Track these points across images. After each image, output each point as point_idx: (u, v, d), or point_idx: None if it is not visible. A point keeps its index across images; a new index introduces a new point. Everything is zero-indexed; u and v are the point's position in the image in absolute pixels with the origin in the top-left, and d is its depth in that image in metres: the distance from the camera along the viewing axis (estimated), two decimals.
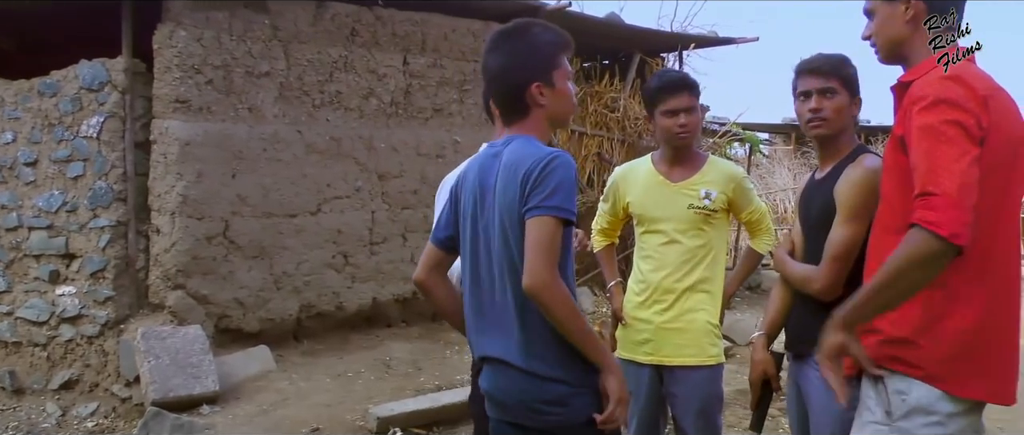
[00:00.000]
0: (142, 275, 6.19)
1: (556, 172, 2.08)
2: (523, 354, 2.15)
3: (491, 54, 2.28)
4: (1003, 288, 2.10)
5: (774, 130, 20.31)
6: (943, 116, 1.94)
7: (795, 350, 2.78)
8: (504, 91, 2.26)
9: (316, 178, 6.70)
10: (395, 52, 7.15)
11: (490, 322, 2.24)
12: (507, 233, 2.14)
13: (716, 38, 10.20)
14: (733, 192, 3.18)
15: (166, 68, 5.98)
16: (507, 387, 2.20)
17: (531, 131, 2.25)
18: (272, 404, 5.43)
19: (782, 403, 5.39)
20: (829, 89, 2.64)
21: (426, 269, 2.41)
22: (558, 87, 2.26)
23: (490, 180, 2.22)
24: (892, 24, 2.20)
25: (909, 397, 2.05)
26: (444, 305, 2.45)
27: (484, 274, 2.24)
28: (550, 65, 2.25)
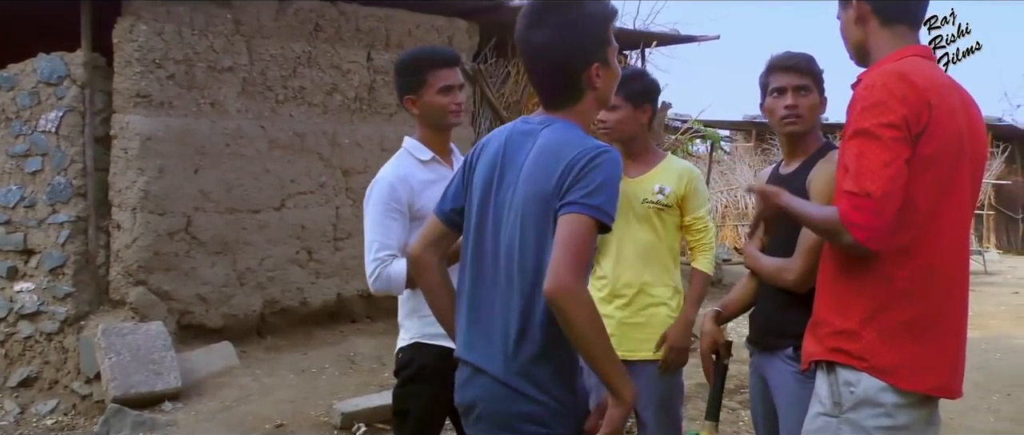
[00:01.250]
0: (102, 271, 6.13)
1: (603, 167, 1.84)
2: (508, 366, 1.92)
3: (535, 29, 1.94)
4: (949, 283, 2.12)
5: (735, 127, 20.54)
6: (878, 118, 1.97)
7: (762, 343, 2.79)
8: (555, 72, 1.96)
9: (280, 174, 6.67)
10: (359, 48, 7.15)
11: (481, 317, 2.00)
12: (527, 223, 1.90)
13: (678, 36, 10.31)
14: (685, 188, 3.18)
15: (126, 62, 5.92)
16: (483, 397, 1.98)
17: (578, 117, 1.97)
18: (235, 400, 5.41)
19: (743, 396, 5.50)
20: (804, 86, 2.67)
21: (424, 244, 2.12)
22: (612, 66, 1.99)
23: (519, 158, 1.95)
24: (849, 28, 2.25)
25: (857, 389, 2.07)
26: (435, 292, 2.16)
27: (488, 260, 1.99)
28: (606, 40, 1.97)
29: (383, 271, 2.71)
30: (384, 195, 2.76)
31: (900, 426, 2.07)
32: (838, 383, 2.11)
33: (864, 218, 1.94)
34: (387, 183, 2.78)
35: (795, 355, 2.63)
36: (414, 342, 2.83)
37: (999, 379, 6.37)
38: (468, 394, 2.03)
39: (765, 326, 2.79)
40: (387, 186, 2.77)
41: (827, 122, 15.54)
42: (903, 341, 2.06)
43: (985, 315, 9.00)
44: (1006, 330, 8.59)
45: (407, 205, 2.75)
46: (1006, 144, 18.00)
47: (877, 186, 1.93)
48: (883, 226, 1.94)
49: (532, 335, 1.91)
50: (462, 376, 2.06)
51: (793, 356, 2.64)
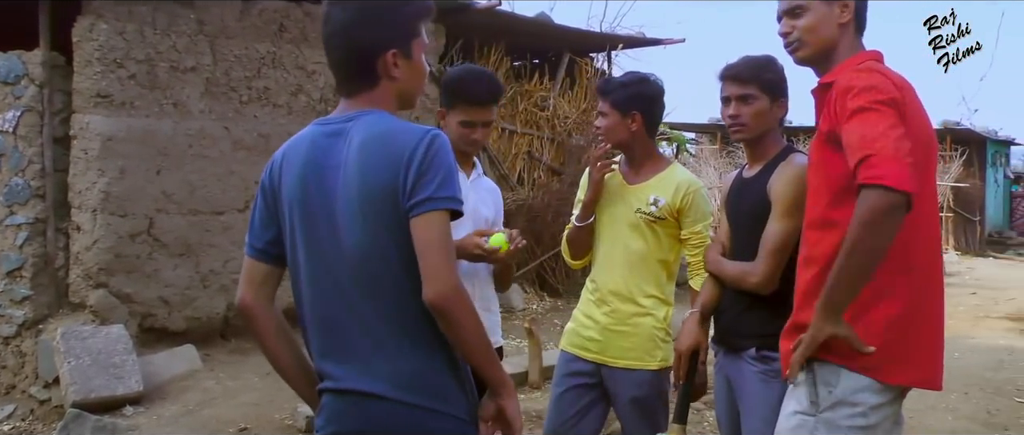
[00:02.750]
0: (62, 274, 6.03)
1: (442, 154, 1.75)
2: (400, 383, 1.76)
3: (336, 5, 1.87)
4: (926, 278, 2.16)
5: (700, 130, 20.75)
6: (874, 97, 2.00)
7: (727, 344, 2.81)
8: (349, 54, 1.87)
9: (244, 175, 6.61)
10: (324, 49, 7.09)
11: (343, 341, 1.81)
12: (374, 225, 1.75)
13: (644, 39, 10.38)
14: (683, 201, 3.07)
15: (86, 62, 5.83)
16: (374, 424, 1.77)
17: (377, 105, 1.86)
18: (198, 404, 5.36)
19: (708, 396, 5.55)
20: (747, 95, 2.68)
21: (249, 289, 1.91)
22: (415, 60, 1.89)
23: (333, 161, 1.81)
24: (827, 25, 2.24)
25: (836, 389, 2.09)
26: (272, 342, 1.94)
27: (330, 276, 1.81)
28: (411, 31, 1.88)
29: None
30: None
31: (872, 425, 2.10)
32: (817, 383, 2.12)
33: (886, 168, 1.89)
34: None
35: (758, 355, 2.66)
36: None
37: (957, 379, 6.49)
38: (351, 424, 1.80)
39: (729, 327, 2.81)
40: None
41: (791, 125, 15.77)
42: (888, 337, 2.08)
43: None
44: (964, 330, 8.76)
45: None
46: (964, 147, 18.37)
47: (887, 142, 1.92)
48: (906, 170, 1.90)
49: (416, 343, 1.78)
50: (337, 406, 1.82)
51: (756, 357, 2.67)
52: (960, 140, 18.46)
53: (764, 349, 2.65)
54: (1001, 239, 20.48)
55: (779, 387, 2.60)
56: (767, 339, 2.64)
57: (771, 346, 2.63)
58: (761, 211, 2.66)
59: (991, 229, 20.42)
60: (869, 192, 1.91)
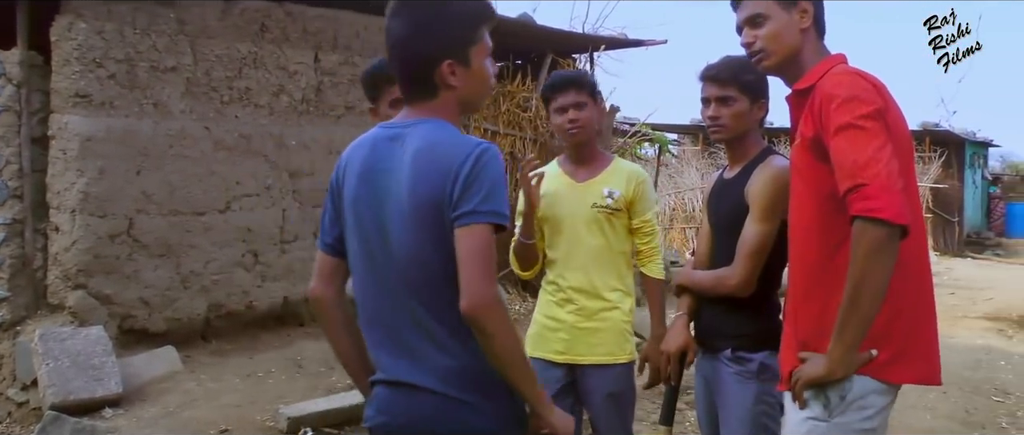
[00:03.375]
0: (40, 275, 5.97)
1: (489, 168, 1.79)
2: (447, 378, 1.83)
3: (394, 18, 1.89)
4: (918, 277, 2.18)
5: (682, 131, 20.83)
6: (857, 111, 1.99)
7: (706, 345, 2.82)
8: (408, 65, 1.89)
9: (225, 175, 6.58)
10: (306, 49, 7.08)
11: (396, 335, 1.89)
12: (421, 232, 1.82)
13: (626, 40, 10.41)
14: (634, 191, 3.16)
15: (65, 61, 5.79)
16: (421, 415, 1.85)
17: (438, 114, 1.89)
18: (178, 405, 5.32)
19: (690, 397, 5.57)
20: (726, 97, 2.69)
21: (320, 281, 2.03)
22: (474, 66, 1.90)
23: (389, 166, 1.87)
24: (789, 33, 2.24)
25: (848, 394, 2.09)
26: (336, 330, 2.05)
27: (384, 275, 1.89)
28: (467, 39, 1.88)
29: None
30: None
31: (877, 427, 2.12)
32: (828, 389, 2.11)
33: (881, 200, 1.90)
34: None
35: (733, 356, 2.68)
36: None
37: None
38: (402, 415, 1.88)
39: (706, 328, 2.82)
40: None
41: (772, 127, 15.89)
42: (892, 336, 2.10)
43: None
44: (943, 330, 8.70)
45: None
46: (942, 149, 18.54)
47: (879, 169, 1.92)
48: (900, 200, 1.91)
49: (464, 342, 1.82)
50: (385, 397, 1.91)
51: (732, 357, 2.68)
52: (939, 141, 18.64)
53: (740, 350, 2.68)
54: (979, 240, 20.70)
55: (754, 387, 2.63)
56: (743, 340, 2.67)
57: (747, 347, 2.66)
58: (740, 213, 2.67)
59: (969, 230, 20.64)
60: (866, 226, 1.91)
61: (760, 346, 2.66)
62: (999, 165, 26.18)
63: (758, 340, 2.67)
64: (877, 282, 1.94)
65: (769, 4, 2.25)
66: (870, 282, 1.94)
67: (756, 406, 2.64)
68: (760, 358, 2.65)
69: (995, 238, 21.35)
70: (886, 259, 1.92)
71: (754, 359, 2.64)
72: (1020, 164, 27.42)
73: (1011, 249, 19.98)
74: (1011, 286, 12.66)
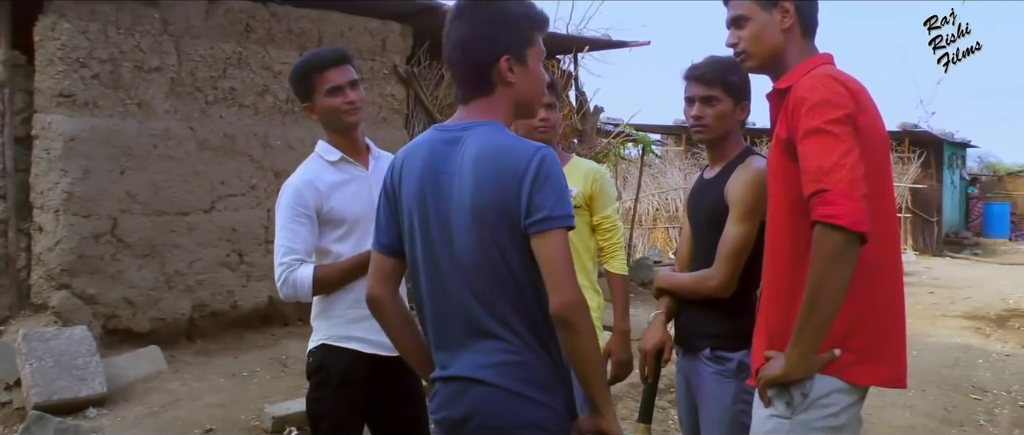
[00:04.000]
0: (24, 275, 5.96)
1: (554, 172, 1.86)
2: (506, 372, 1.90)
3: (455, 21, 1.98)
4: (888, 280, 2.19)
5: (666, 131, 20.89)
6: (827, 116, 2.01)
7: (686, 344, 2.84)
8: (468, 63, 1.97)
9: (209, 175, 6.57)
10: (291, 49, 7.08)
11: (455, 332, 1.96)
12: (484, 235, 1.88)
13: (609, 41, 10.44)
14: (592, 187, 3.18)
15: (49, 61, 5.77)
16: (483, 408, 1.91)
17: (494, 114, 1.96)
18: (163, 405, 5.32)
19: (671, 396, 5.62)
20: (710, 97, 2.70)
21: (377, 281, 2.07)
22: (531, 66, 1.99)
23: (450, 169, 1.93)
24: (770, 33, 2.25)
25: (810, 392, 2.11)
26: (396, 327, 2.12)
27: (446, 276, 1.95)
28: (524, 40, 1.98)
29: (290, 276, 2.70)
30: (291, 200, 2.73)
31: (843, 425, 2.13)
32: (790, 387, 2.13)
33: (840, 206, 1.92)
34: (294, 188, 2.75)
35: (712, 355, 2.70)
36: (322, 344, 2.81)
37: (914, 376, 6.56)
38: (461, 408, 1.94)
39: (686, 327, 2.84)
40: (294, 191, 2.74)
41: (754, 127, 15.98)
42: (856, 338, 2.11)
43: None
44: (922, 329, 8.92)
45: (314, 209, 2.72)
46: (921, 149, 18.71)
47: (841, 175, 1.95)
48: (860, 208, 1.93)
49: (522, 339, 1.90)
50: (448, 392, 1.97)
51: (711, 357, 2.71)
52: (918, 142, 18.80)
53: (719, 349, 2.69)
54: (958, 239, 20.89)
55: (733, 386, 2.65)
56: (721, 339, 2.68)
57: (725, 346, 2.67)
58: (719, 213, 2.69)
59: (948, 230, 20.83)
60: (824, 232, 1.94)
61: (739, 345, 2.68)
62: (977, 166, 26.42)
63: (737, 339, 2.69)
64: (833, 287, 1.97)
65: (750, 5, 2.27)
66: (827, 287, 1.97)
67: (735, 405, 2.65)
68: (739, 357, 2.67)
69: (973, 238, 21.55)
70: (843, 265, 1.95)
71: (733, 358, 2.66)
72: (997, 164, 27.69)
73: (989, 248, 20.18)
74: (989, 285, 12.80)
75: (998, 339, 8.68)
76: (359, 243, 2.74)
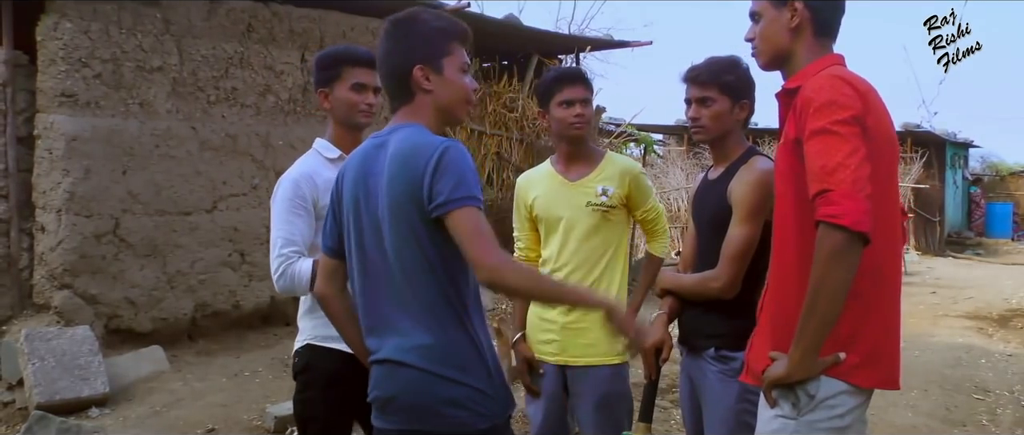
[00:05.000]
0: (26, 274, 5.96)
1: (454, 161, 1.98)
2: (426, 355, 2.03)
3: (381, 42, 2.18)
4: (891, 281, 2.19)
5: (668, 131, 20.89)
6: (834, 116, 2.00)
7: (690, 344, 2.85)
8: (388, 74, 2.17)
9: (211, 175, 6.58)
10: (292, 49, 7.09)
11: (385, 321, 2.11)
12: (401, 227, 2.02)
13: (611, 41, 10.45)
14: (629, 186, 3.15)
15: (51, 61, 5.77)
16: (405, 389, 2.06)
17: (416, 118, 2.12)
18: (165, 405, 5.32)
19: (674, 395, 5.62)
20: (706, 98, 2.72)
21: (323, 279, 2.28)
22: (447, 74, 2.13)
23: (376, 169, 2.09)
24: (777, 31, 2.25)
25: (817, 394, 2.11)
26: (342, 321, 2.30)
27: (376, 269, 2.10)
28: (438, 51, 2.13)
29: (288, 268, 2.67)
30: (289, 193, 2.74)
31: (848, 426, 2.13)
32: (796, 389, 2.13)
33: (843, 206, 1.92)
34: (292, 181, 2.76)
35: (716, 355, 2.71)
36: (307, 344, 2.79)
37: (917, 376, 6.62)
38: (388, 388, 2.10)
39: (690, 328, 2.84)
40: (292, 184, 2.75)
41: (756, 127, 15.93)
42: (862, 341, 2.11)
43: (904, 314, 9.06)
44: (924, 329, 8.92)
45: (312, 202, 2.73)
46: (924, 150, 18.69)
47: (846, 175, 1.95)
48: (863, 208, 1.93)
49: (441, 322, 2.04)
50: (379, 373, 2.13)
51: (715, 356, 2.71)
52: (920, 142, 18.78)
53: (723, 349, 2.70)
54: (960, 239, 20.86)
55: (737, 386, 2.65)
56: (726, 339, 2.69)
57: (730, 346, 2.68)
58: (722, 214, 2.69)
59: (950, 229, 20.80)
60: (827, 231, 1.94)
61: (743, 345, 2.67)
62: (979, 165, 26.39)
63: (741, 339, 2.68)
64: (834, 287, 1.97)
65: (763, 3, 2.28)
66: (828, 287, 1.97)
67: (739, 404, 2.66)
68: (743, 357, 2.68)
69: (975, 238, 21.53)
70: (844, 265, 1.95)
71: (737, 358, 2.66)
72: (1000, 164, 27.66)
73: (991, 249, 20.16)
74: (991, 285, 12.78)
75: (1000, 339, 8.67)
76: None
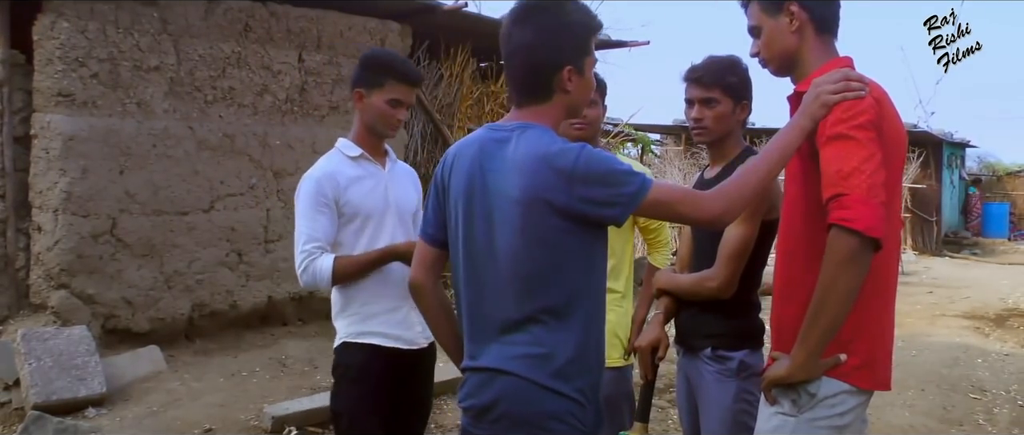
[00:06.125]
0: (22, 274, 5.95)
1: (599, 159, 1.91)
2: (533, 364, 1.95)
3: (518, 26, 2.01)
4: (884, 282, 2.20)
5: (665, 131, 20.90)
6: (852, 122, 2.01)
7: (687, 344, 2.85)
8: (530, 70, 2.01)
9: (209, 175, 6.57)
10: (290, 49, 7.08)
11: (489, 325, 2.01)
12: (526, 230, 1.92)
13: (609, 41, 10.43)
14: None
15: (47, 60, 5.77)
16: (506, 397, 1.97)
17: (546, 119, 2.02)
18: (162, 405, 5.31)
19: (671, 395, 5.63)
20: (709, 99, 2.71)
21: (420, 269, 2.17)
22: (586, 75, 2.05)
23: (497, 165, 1.98)
24: (780, 38, 2.25)
25: (817, 393, 2.12)
26: (433, 314, 2.21)
27: (485, 269, 2.00)
28: (584, 49, 2.04)
29: (310, 264, 2.76)
30: (312, 190, 2.82)
31: (847, 424, 2.15)
32: (798, 387, 2.14)
33: (856, 211, 1.93)
34: (315, 179, 2.85)
35: (713, 355, 2.71)
36: (342, 342, 2.89)
37: (914, 376, 6.64)
38: (487, 396, 2.00)
39: (687, 327, 2.85)
40: (315, 182, 2.84)
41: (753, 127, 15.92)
42: (861, 343, 2.12)
43: (901, 314, 9.34)
44: (921, 329, 8.94)
45: (334, 200, 2.81)
46: (921, 150, 18.72)
47: (861, 180, 1.95)
48: (877, 214, 1.93)
49: (547, 330, 1.95)
50: (476, 381, 2.03)
51: (711, 356, 2.72)
52: (917, 142, 18.79)
53: (719, 349, 2.70)
54: (957, 239, 20.90)
55: (734, 385, 2.66)
56: (722, 339, 2.69)
57: (726, 346, 2.68)
58: None
59: (947, 229, 20.83)
60: (840, 234, 1.94)
61: (739, 345, 2.70)
62: (976, 166, 26.44)
63: (737, 339, 2.70)
64: (844, 291, 1.97)
65: (759, 15, 2.29)
66: (837, 291, 1.97)
67: (736, 404, 2.67)
68: (740, 356, 2.68)
69: (972, 238, 21.57)
70: (855, 269, 1.95)
71: (734, 357, 2.67)
72: (997, 164, 27.71)
73: (988, 248, 20.20)
74: (988, 285, 12.81)
75: (997, 339, 8.69)
76: (373, 237, 2.86)
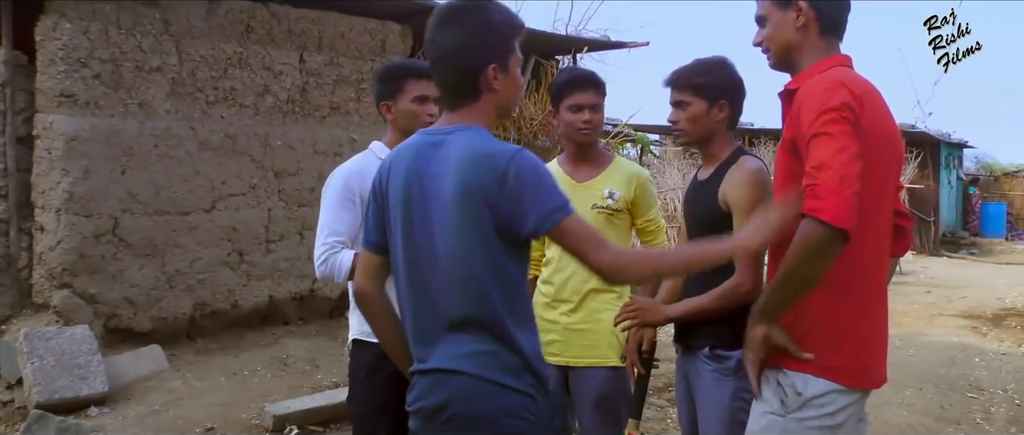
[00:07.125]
0: (25, 274, 5.98)
1: (532, 170, 1.93)
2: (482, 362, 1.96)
3: (442, 29, 2.05)
4: (874, 279, 2.22)
5: (664, 131, 20.88)
6: (826, 117, 2.03)
7: (685, 342, 2.87)
8: (455, 71, 2.04)
9: (210, 175, 6.59)
10: (291, 49, 7.10)
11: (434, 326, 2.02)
12: (463, 230, 1.94)
13: (608, 42, 10.46)
14: (636, 191, 3.16)
15: (50, 61, 5.79)
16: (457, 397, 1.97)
17: (478, 119, 2.05)
18: (164, 404, 5.34)
19: (670, 394, 5.65)
20: (680, 101, 2.74)
21: (364, 276, 2.17)
22: (512, 74, 2.07)
23: (434, 170, 2.00)
24: (784, 31, 2.26)
25: (805, 391, 2.14)
26: (380, 320, 2.21)
27: (426, 272, 2.01)
28: (507, 48, 2.06)
29: (330, 257, 2.79)
30: (340, 185, 2.87)
31: (839, 424, 2.15)
32: (785, 385, 2.16)
33: (827, 201, 1.94)
34: (344, 175, 2.90)
35: (711, 354, 2.73)
36: (354, 340, 2.93)
37: (912, 375, 6.67)
38: (437, 397, 2.00)
39: (685, 327, 2.86)
40: (343, 178, 2.89)
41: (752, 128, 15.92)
42: (846, 341, 2.14)
43: (899, 313, 9.37)
44: (919, 328, 8.96)
45: (359, 197, 2.84)
46: (919, 150, 18.77)
47: (833, 171, 1.97)
48: (848, 205, 1.94)
49: (492, 330, 1.96)
50: (425, 383, 2.03)
51: (709, 355, 2.73)
52: (915, 142, 18.83)
53: (717, 348, 2.72)
54: (954, 239, 20.93)
55: (731, 385, 2.68)
56: (721, 338, 2.70)
57: (724, 345, 2.70)
58: (713, 214, 2.70)
59: (945, 229, 20.86)
60: (807, 223, 1.97)
61: (737, 344, 2.69)
62: (974, 166, 26.47)
63: (735, 338, 2.70)
64: (804, 277, 2.03)
65: (767, 5, 2.31)
66: (797, 276, 2.03)
67: (733, 403, 2.68)
68: (738, 355, 2.68)
69: (970, 238, 21.60)
70: (817, 258, 1.99)
71: (732, 357, 2.68)
72: (994, 165, 27.75)
73: (985, 248, 20.23)
74: (985, 284, 12.83)
75: (994, 338, 8.71)
76: None
